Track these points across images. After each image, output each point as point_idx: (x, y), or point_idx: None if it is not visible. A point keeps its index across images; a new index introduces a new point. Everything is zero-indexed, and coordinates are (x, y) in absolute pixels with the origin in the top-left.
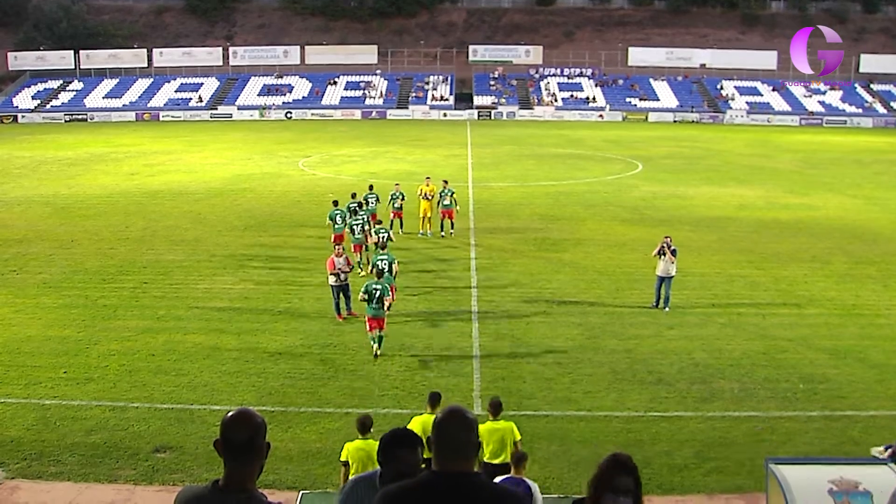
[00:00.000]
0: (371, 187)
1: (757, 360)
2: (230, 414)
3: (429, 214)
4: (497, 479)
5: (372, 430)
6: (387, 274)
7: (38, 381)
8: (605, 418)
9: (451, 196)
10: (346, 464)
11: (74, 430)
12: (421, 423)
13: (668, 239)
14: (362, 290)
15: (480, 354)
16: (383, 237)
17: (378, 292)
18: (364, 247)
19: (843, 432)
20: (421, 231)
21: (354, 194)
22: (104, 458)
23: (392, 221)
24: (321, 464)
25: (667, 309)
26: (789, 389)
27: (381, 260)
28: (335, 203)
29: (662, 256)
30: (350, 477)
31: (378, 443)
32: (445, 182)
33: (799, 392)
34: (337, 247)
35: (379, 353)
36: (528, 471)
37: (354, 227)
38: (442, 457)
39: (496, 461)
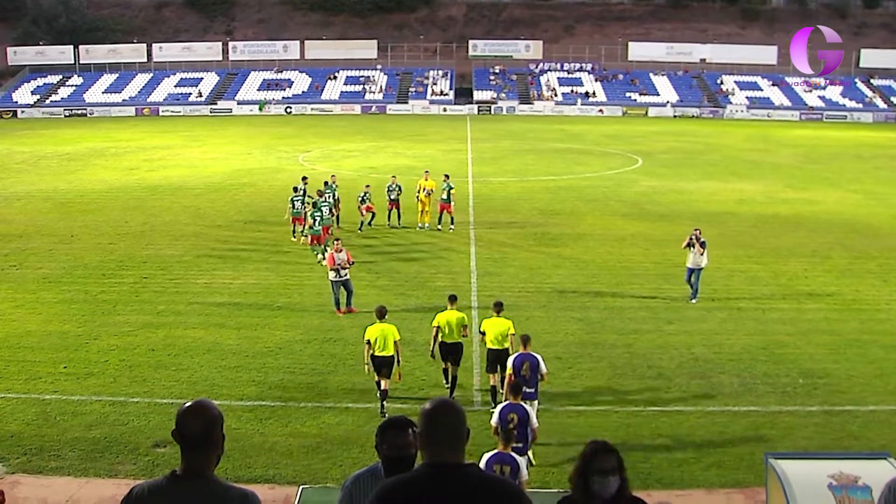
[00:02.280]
0: (326, 183)
1: (757, 354)
2: (186, 405)
3: (426, 208)
4: (512, 357)
5: (386, 316)
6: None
7: (38, 376)
8: (604, 413)
9: (449, 191)
10: (368, 342)
11: (74, 425)
12: (445, 318)
13: (698, 231)
14: (309, 216)
15: (480, 349)
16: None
17: (319, 218)
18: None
19: (843, 427)
20: (420, 224)
21: (326, 182)
22: (104, 453)
23: (389, 213)
24: (321, 458)
25: (693, 301)
26: (789, 384)
27: (325, 205)
28: (305, 179)
29: (692, 248)
30: (368, 353)
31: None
32: (447, 176)
33: (798, 387)
34: (336, 242)
35: (324, 261)
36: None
37: (296, 201)
38: (432, 448)
39: (497, 347)
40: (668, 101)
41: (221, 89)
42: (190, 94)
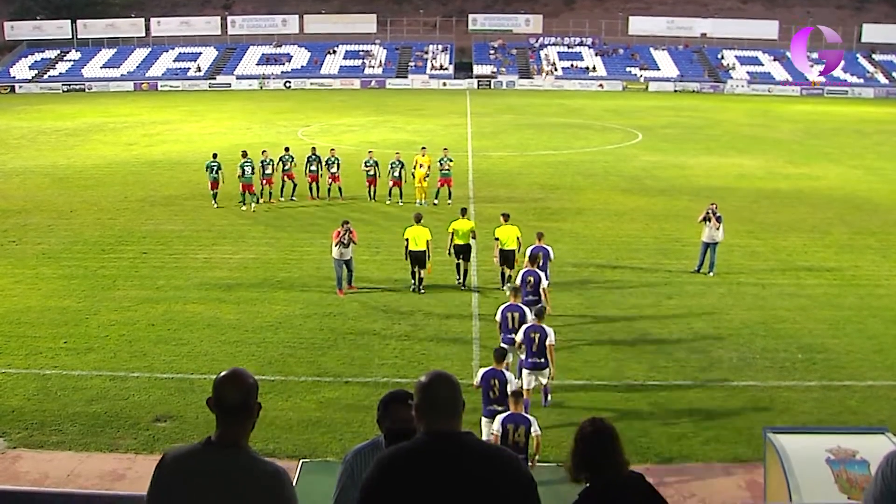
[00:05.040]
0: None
1: (756, 329)
2: (223, 374)
3: (424, 184)
4: (531, 247)
5: (422, 220)
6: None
7: (39, 352)
8: (604, 387)
9: (449, 164)
10: (406, 240)
11: (75, 400)
12: (457, 225)
13: (714, 206)
14: (239, 166)
15: (480, 324)
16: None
17: (251, 169)
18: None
19: (841, 402)
20: (418, 200)
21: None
22: (105, 428)
23: (391, 190)
24: (321, 433)
25: (711, 274)
26: (788, 359)
27: (247, 166)
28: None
29: (707, 223)
30: (407, 249)
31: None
32: (445, 150)
33: (797, 362)
34: (345, 223)
35: (254, 208)
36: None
37: (245, 167)
38: (430, 418)
39: (507, 248)
40: (642, 75)
41: (220, 64)
42: (188, 68)
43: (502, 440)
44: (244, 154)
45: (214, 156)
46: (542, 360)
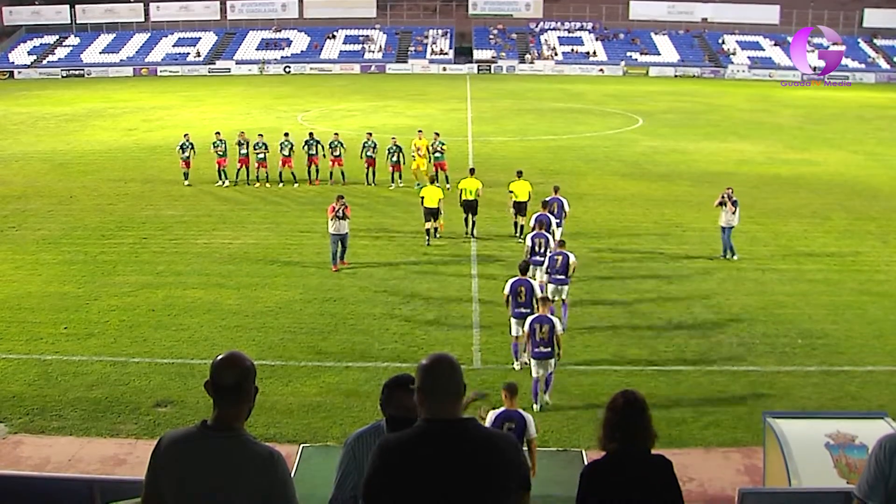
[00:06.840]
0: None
1: (756, 315)
2: (220, 356)
3: (422, 168)
4: (546, 198)
5: (437, 182)
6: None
7: (39, 337)
8: (603, 372)
9: (441, 148)
10: (422, 197)
11: (76, 386)
12: (465, 184)
13: (730, 190)
14: (213, 144)
15: (480, 308)
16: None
17: (225, 146)
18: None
19: (841, 387)
20: (418, 183)
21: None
22: (105, 413)
23: (392, 174)
24: (321, 417)
25: (735, 257)
26: (788, 344)
27: (219, 145)
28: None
29: (723, 207)
30: (423, 206)
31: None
32: (437, 134)
33: (797, 347)
34: (340, 199)
35: (227, 184)
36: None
37: (220, 144)
38: (431, 403)
39: (521, 200)
40: (624, 59)
41: (220, 49)
42: (188, 53)
43: (531, 336)
44: (217, 134)
45: (186, 136)
46: (563, 276)
